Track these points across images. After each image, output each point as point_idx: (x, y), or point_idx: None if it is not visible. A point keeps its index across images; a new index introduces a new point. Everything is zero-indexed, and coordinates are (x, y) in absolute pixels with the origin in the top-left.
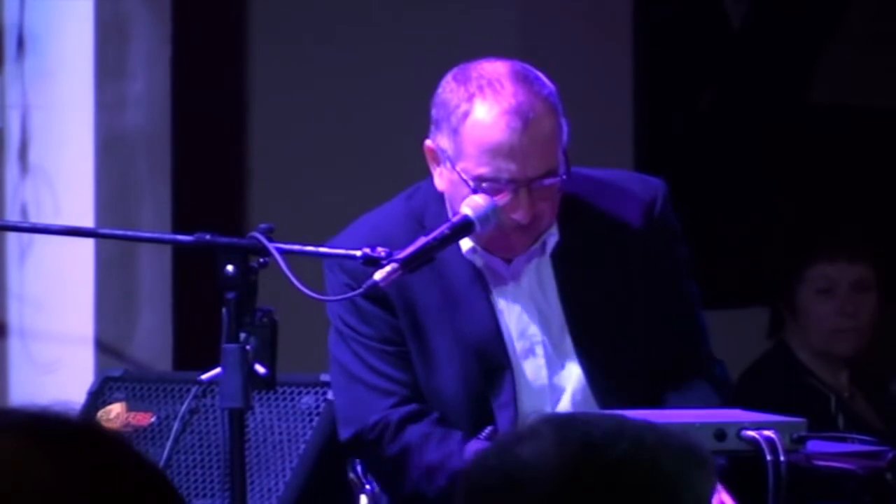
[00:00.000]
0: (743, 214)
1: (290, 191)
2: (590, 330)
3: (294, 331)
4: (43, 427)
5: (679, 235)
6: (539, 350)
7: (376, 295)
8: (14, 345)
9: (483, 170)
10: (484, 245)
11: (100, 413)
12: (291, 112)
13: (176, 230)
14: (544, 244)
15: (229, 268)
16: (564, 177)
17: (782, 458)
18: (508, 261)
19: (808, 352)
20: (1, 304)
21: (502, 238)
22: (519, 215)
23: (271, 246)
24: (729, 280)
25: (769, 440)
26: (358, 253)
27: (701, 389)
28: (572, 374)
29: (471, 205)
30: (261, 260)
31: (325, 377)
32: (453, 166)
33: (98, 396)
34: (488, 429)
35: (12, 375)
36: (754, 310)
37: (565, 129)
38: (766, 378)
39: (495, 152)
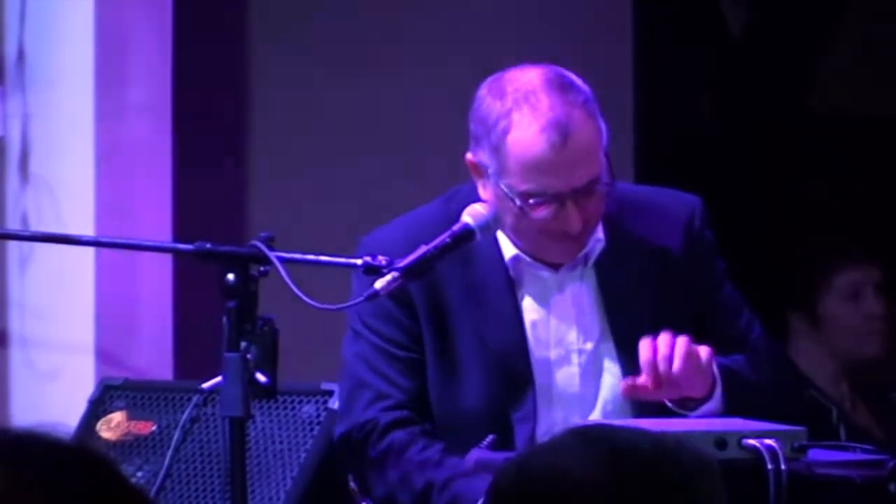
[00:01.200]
0: (743, 222)
1: (290, 200)
2: (631, 340)
3: (295, 339)
4: (29, 451)
5: (715, 249)
6: (574, 358)
7: (399, 296)
8: (15, 353)
9: (527, 186)
10: (531, 251)
11: (100, 422)
12: (292, 121)
13: (176, 239)
14: (588, 253)
15: (230, 276)
16: (609, 181)
17: (783, 466)
18: (555, 268)
19: (808, 360)
20: (1, 312)
21: (553, 246)
22: (569, 226)
23: (272, 254)
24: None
25: (770, 449)
26: (359, 261)
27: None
28: (605, 384)
29: (471, 213)
30: (261, 268)
31: (326, 386)
32: (497, 182)
33: (98, 405)
34: (490, 437)
35: (13, 384)
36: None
37: (604, 131)
38: None
39: (538, 169)
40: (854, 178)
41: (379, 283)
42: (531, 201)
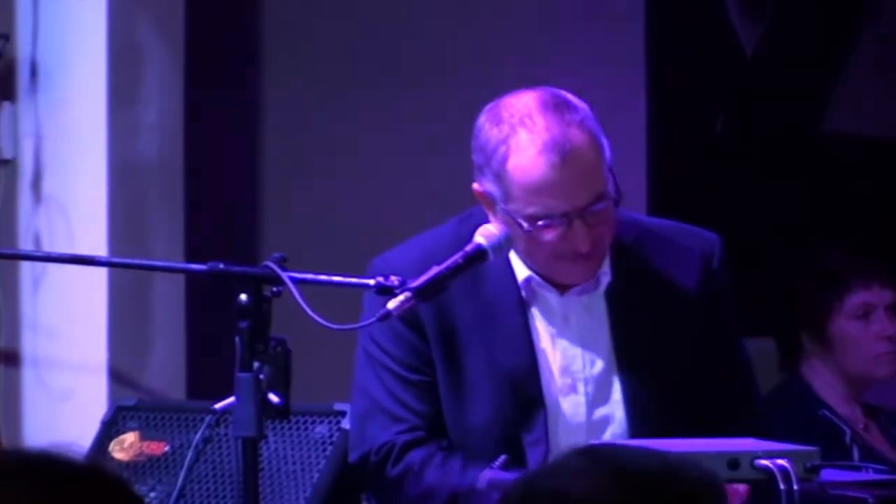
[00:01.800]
0: (755, 240)
1: (303, 220)
2: (638, 373)
3: (307, 360)
4: (45, 471)
5: (731, 292)
6: (581, 387)
7: (409, 318)
8: (27, 374)
9: (532, 209)
10: (544, 273)
11: (113, 442)
12: (305, 141)
13: (189, 259)
14: (598, 279)
15: (243, 297)
16: (615, 196)
17: (796, 486)
18: (562, 292)
19: (822, 382)
20: (14, 333)
21: (565, 267)
22: (578, 245)
23: (285, 275)
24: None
25: (783, 469)
26: (371, 282)
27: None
28: (614, 416)
29: (484, 234)
30: (274, 289)
31: (338, 406)
32: (504, 209)
33: (111, 426)
34: (502, 457)
35: (26, 404)
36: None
37: (606, 147)
38: (779, 410)
39: (540, 191)
40: (867, 196)
41: (391, 304)
42: (538, 224)
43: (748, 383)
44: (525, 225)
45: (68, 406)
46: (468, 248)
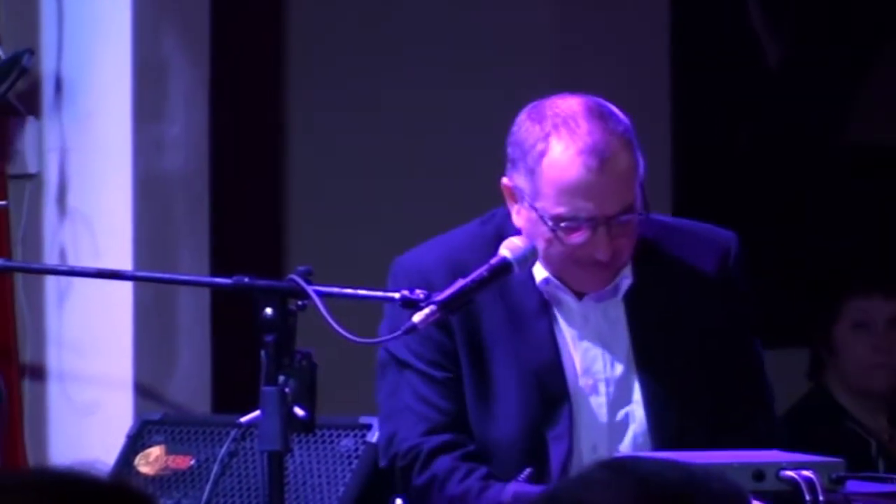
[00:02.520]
0: (781, 253)
1: (328, 233)
2: (657, 374)
3: (333, 373)
4: (71, 489)
5: (748, 290)
6: (602, 388)
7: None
8: (53, 388)
9: (561, 209)
10: (560, 277)
11: (139, 456)
12: (330, 154)
13: (214, 272)
14: (617, 286)
15: (268, 310)
16: (642, 212)
17: (821, 498)
18: (580, 297)
19: (846, 393)
20: (39, 347)
21: (581, 273)
22: (598, 253)
23: (310, 288)
24: (766, 320)
25: (808, 480)
26: (396, 295)
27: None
28: (635, 416)
29: (509, 247)
30: (299, 302)
31: (364, 420)
32: (531, 205)
33: (137, 440)
34: (527, 471)
35: (51, 419)
36: (791, 350)
37: (641, 163)
38: (805, 422)
39: (573, 192)
40: (888, 208)
41: (417, 317)
42: (563, 225)
43: (762, 380)
44: (550, 224)
45: (94, 420)
46: (493, 261)
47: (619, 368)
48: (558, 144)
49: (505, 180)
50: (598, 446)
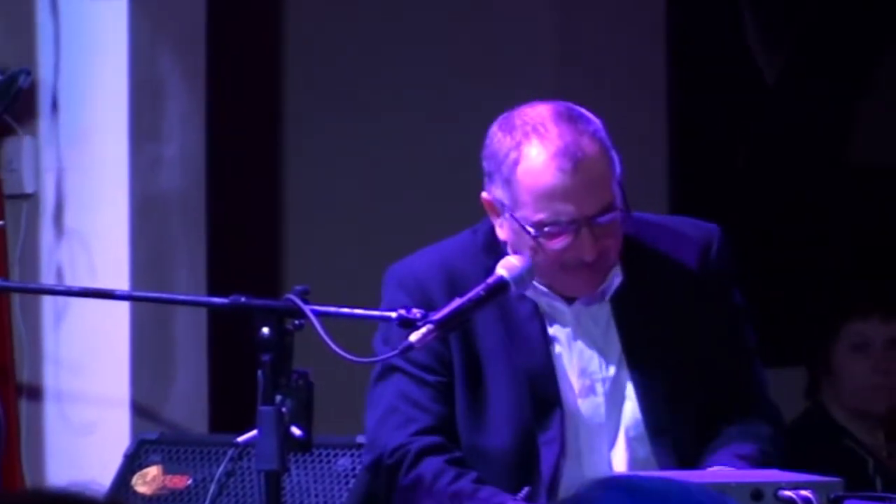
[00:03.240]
0: (777, 275)
1: (326, 252)
2: (648, 369)
3: (330, 392)
4: None
5: (735, 280)
6: (599, 388)
7: None
8: (50, 408)
9: (541, 215)
10: (549, 285)
11: (136, 476)
12: (326, 173)
13: (211, 291)
14: (603, 293)
15: (265, 330)
16: (623, 210)
17: None
18: (569, 302)
19: (844, 412)
20: (37, 367)
21: (570, 279)
22: (585, 255)
23: (307, 308)
24: (764, 339)
25: (806, 500)
26: (393, 315)
27: (754, 435)
28: (627, 412)
29: (506, 266)
30: (296, 322)
31: (361, 439)
32: (512, 216)
33: (134, 459)
34: (525, 490)
35: (48, 439)
36: (788, 370)
37: (616, 161)
38: (803, 440)
39: (550, 196)
40: (884, 227)
41: (414, 337)
42: (546, 229)
43: (754, 368)
44: (532, 231)
45: (91, 440)
46: (490, 280)
47: (612, 367)
48: (531, 151)
49: (484, 195)
50: (595, 447)
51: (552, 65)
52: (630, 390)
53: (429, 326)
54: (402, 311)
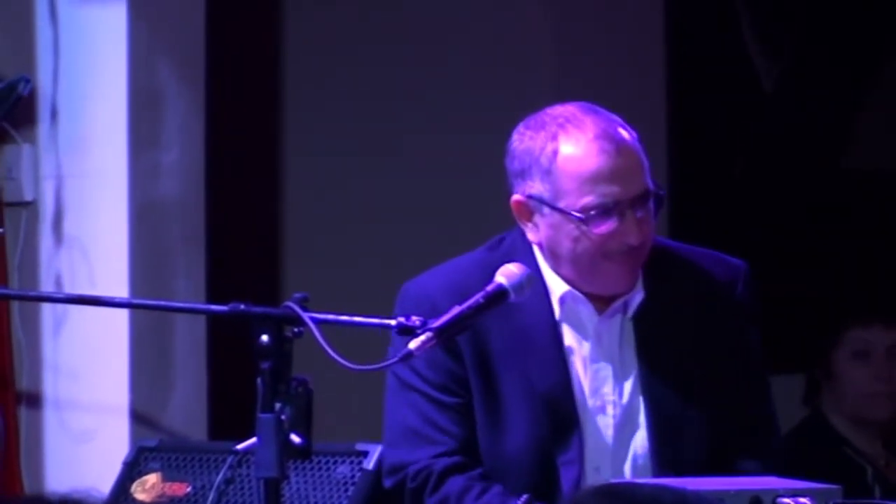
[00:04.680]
0: (776, 281)
1: (325, 259)
2: (663, 398)
3: (330, 400)
4: None
5: (756, 319)
6: (610, 409)
7: None
8: (49, 415)
9: (587, 199)
10: (586, 276)
11: (135, 484)
12: (325, 181)
13: (210, 299)
14: (627, 305)
15: (264, 337)
16: (659, 198)
17: None
18: (602, 307)
19: (843, 420)
20: (36, 374)
21: (612, 267)
22: (629, 238)
23: (306, 315)
24: (763, 346)
25: None
26: (393, 322)
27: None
28: (637, 439)
29: (505, 273)
30: (295, 329)
31: (360, 446)
32: (553, 207)
33: (133, 467)
34: (524, 497)
35: (47, 446)
36: (787, 377)
37: (645, 156)
38: (801, 448)
39: (596, 179)
40: (885, 232)
41: (413, 344)
42: (592, 213)
43: (768, 410)
44: (580, 216)
45: (90, 447)
46: (489, 287)
47: (627, 390)
48: (570, 139)
49: (516, 197)
50: (602, 468)
51: (551, 69)
52: (642, 416)
53: (428, 334)
54: (402, 319)
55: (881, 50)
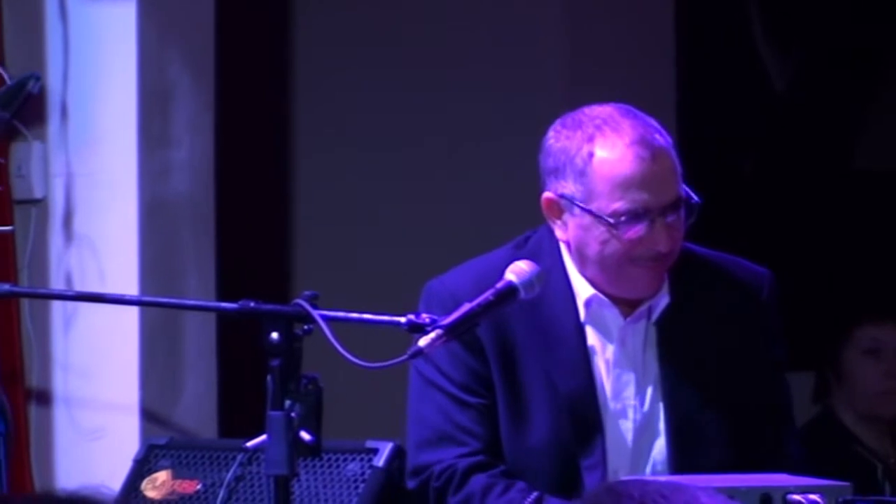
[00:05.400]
0: (786, 279)
1: (335, 256)
2: (682, 404)
3: (339, 397)
4: None
5: (780, 328)
6: (631, 414)
7: (469, 340)
8: (59, 413)
9: (618, 204)
10: (612, 280)
11: (145, 481)
12: (336, 178)
13: (220, 297)
14: (651, 310)
15: (274, 335)
16: (695, 200)
17: None
18: (627, 310)
19: (853, 417)
20: (46, 372)
21: (636, 273)
22: (658, 245)
23: (316, 313)
24: None
25: None
26: (403, 319)
27: None
28: (656, 445)
29: (515, 271)
30: (305, 327)
31: (370, 444)
32: (584, 209)
33: (144, 464)
34: (533, 495)
35: (57, 444)
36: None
37: (678, 163)
38: (811, 446)
39: (628, 184)
40: (894, 231)
41: (423, 342)
42: (623, 218)
43: (789, 421)
44: (610, 220)
45: (100, 445)
46: (499, 285)
47: (648, 395)
48: (607, 142)
49: (548, 194)
50: (620, 472)
51: (561, 70)
52: (661, 421)
53: (437, 332)
54: (412, 317)
55: (894, 49)
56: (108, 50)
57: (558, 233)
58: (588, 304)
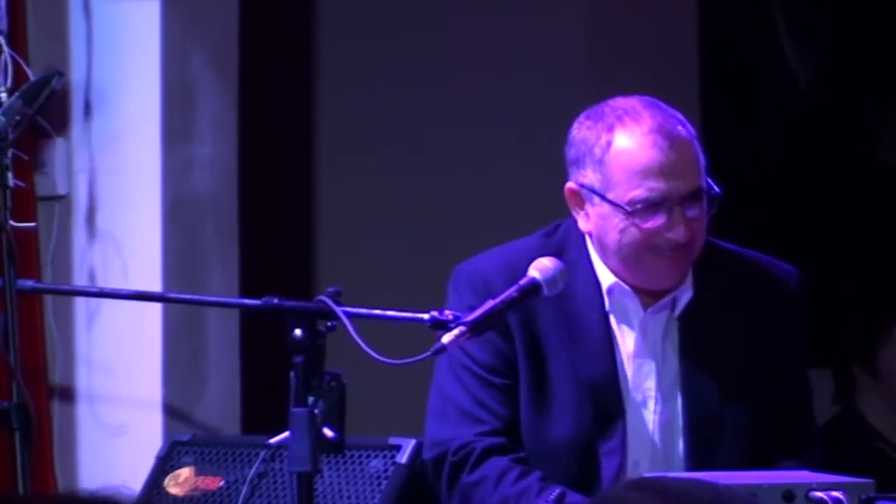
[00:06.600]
0: (808, 275)
1: (358, 253)
2: (701, 399)
3: (362, 394)
4: None
5: (804, 326)
6: (651, 405)
7: None
8: (82, 409)
9: (635, 192)
10: (632, 269)
11: (168, 477)
12: (359, 175)
13: (244, 293)
14: (675, 302)
15: (297, 332)
16: (713, 199)
17: None
18: (649, 300)
19: (883, 415)
20: (69, 368)
21: (657, 262)
22: (676, 234)
23: (339, 310)
24: None
25: (838, 501)
26: (426, 316)
27: None
28: (676, 435)
29: (538, 267)
30: (328, 323)
31: (393, 440)
32: (603, 198)
33: (167, 461)
34: (557, 490)
35: (81, 440)
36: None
37: (702, 155)
38: (835, 442)
39: (646, 173)
40: None
41: (446, 339)
42: (639, 206)
43: (809, 419)
44: (628, 209)
45: (123, 441)
46: (523, 281)
47: (667, 387)
48: (625, 131)
49: (570, 184)
50: (641, 462)
51: (581, 67)
52: (679, 417)
53: (461, 328)
54: (435, 313)
55: None
56: (131, 46)
57: (581, 223)
58: (610, 292)
